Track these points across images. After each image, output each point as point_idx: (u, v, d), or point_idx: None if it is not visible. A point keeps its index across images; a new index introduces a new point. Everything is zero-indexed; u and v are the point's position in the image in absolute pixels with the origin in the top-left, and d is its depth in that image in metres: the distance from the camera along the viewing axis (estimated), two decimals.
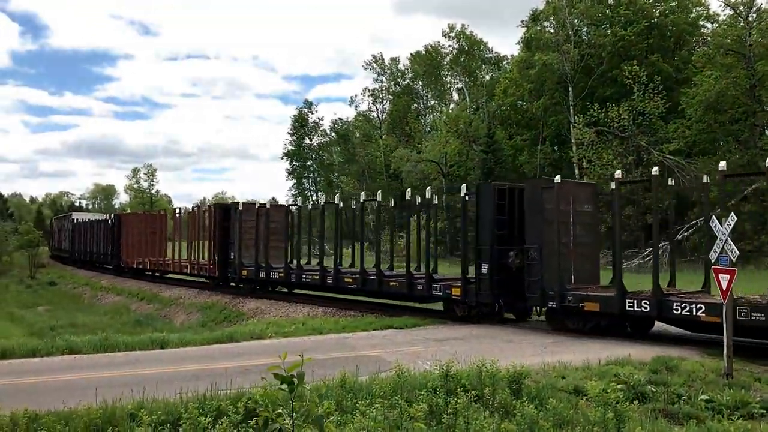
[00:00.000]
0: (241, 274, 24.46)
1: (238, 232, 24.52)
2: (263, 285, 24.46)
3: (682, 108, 38.97)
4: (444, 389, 7.96)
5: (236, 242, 24.54)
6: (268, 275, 23.09)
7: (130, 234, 36.42)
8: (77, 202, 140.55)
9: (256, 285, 24.48)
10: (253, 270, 23.72)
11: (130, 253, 36.11)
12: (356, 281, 19.66)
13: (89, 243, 45.86)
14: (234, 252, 24.74)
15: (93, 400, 7.61)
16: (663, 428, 7.18)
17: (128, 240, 36.58)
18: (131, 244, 36.19)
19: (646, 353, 11.76)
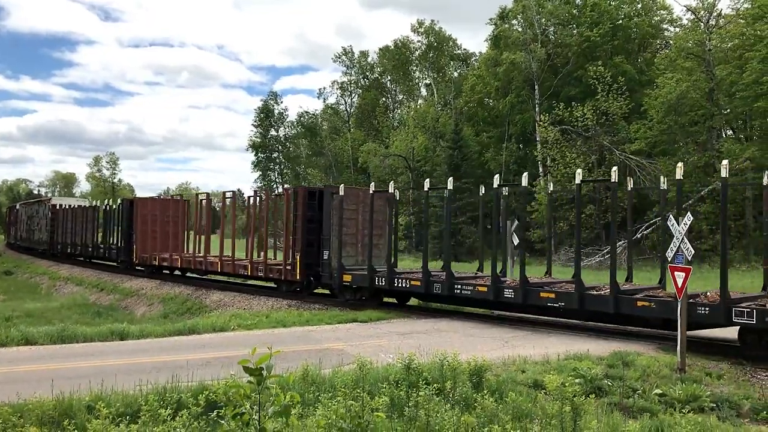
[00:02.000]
0: (341, 279, 18.69)
1: (336, 223, 19.01)
2: (376, 295, 18.66)
3: (644, 109, 39.85)
4: (406, 382, 8.04)
5: (334, 237, 18.86)
6: (393, 282, 17.30)
7: (149, 223, 29.58)
8: (36, 190, 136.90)
9: (364, 295, 18.68)
10: (363, 275, 18.06)
11: (147, 246, 29.46)
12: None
13: (77, 233, 38.37)
14: (330, 250, 19.01)
15: (49, 392, 7.47)
16: (618, 422, 7.37)
17: (145, 231, 29.51)
18: (149, 235, 29.50)
19: (604, 348, 12.05)
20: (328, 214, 19.25)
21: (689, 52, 38.28)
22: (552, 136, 41.20)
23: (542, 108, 46.39)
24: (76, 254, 38.96)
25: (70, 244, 39.35)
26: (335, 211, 19.04)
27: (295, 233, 20.31)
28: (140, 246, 29.49)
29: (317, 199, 20.00)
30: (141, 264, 29.74)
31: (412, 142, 56.06)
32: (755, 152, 32.90)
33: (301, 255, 19.81)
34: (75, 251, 38.93)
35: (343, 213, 19.04)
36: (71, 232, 39.45)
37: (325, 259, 19.21)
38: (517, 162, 50.23)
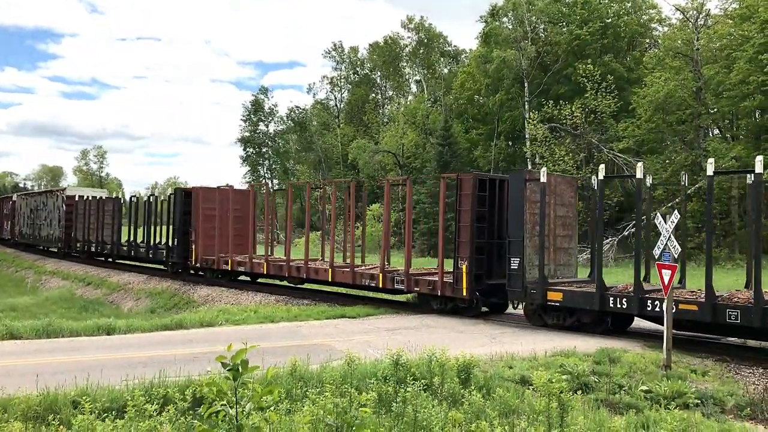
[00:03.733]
0: (545, 297, 14.10)
1: (532, 220, 14.62)
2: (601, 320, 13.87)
3: (633, 107, 40.07)
4: (394, 378, 8.05)
5: (529, 239, 14.55)
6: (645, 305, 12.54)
7: (217, 219, 23.86)
8: (22, 183, 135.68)
9: (583, 319, 14.04)
10: (588, 294, 13.56)
11: (212, 246, 23.90)
12: None
13: (101, 229, 32.64)
14: (523, 257, 14.47)
15: (34, 386, 7.41)
16: (604, 418, 7.42)
17: (208, 227, 23.92)
18: (219, 233, 23.81)
19: (591, 345, 12.12)
20: (516, 209, 14.69)
21: (677, 52, 38.53)
22: (541, 133, 41.35)
23: (532, 105, 46.52)
24: (103, 254, 33.05)
25: (95, 242, 33.02)
26: (532, 205, 14.60)
27: (459, 235, 15.62)
28: (202, 246, 23.76)
29: (489, 190, 15.95)
30: (203, 267, 24.27)
31: (401, 138, 56.07)
32: (741, 151, 33.17)
33: (469, 264, 15.23)
34: (100, 250, 32.82)
35: (544, 207, 14.43)
36: (94, 228, 33.28)
37: (514, 269, 14.55)
38: (506, 159, 50.36)
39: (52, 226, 39.57)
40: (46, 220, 40.84)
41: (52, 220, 39.55)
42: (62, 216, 37.45)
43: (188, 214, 24.39)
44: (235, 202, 23.96)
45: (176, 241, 25.20)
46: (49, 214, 40.15)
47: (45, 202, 41.61)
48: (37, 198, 44.10)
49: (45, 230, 40.96)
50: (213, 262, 23.54)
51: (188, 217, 24.40)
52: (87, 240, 34.13)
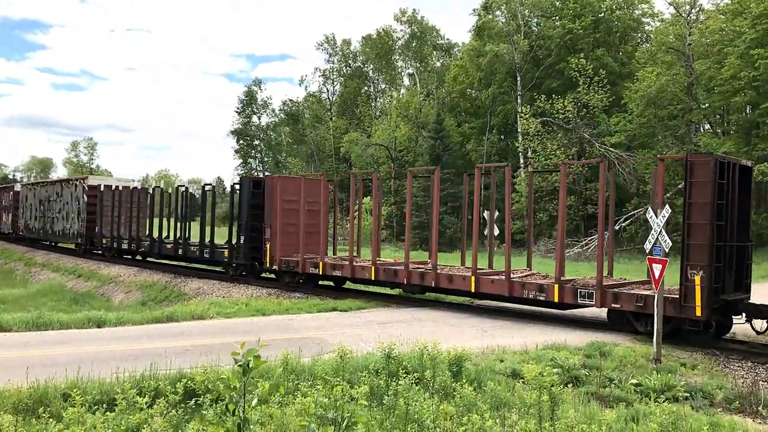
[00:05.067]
0: None
1: None
2: None
3: (624, 102, 40.20)
4: (386, 371, 8.06)
5: None
6: None
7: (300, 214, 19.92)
8: (11, 174, 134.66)
9: None
10: None
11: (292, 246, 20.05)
12: None
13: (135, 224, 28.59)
14: None
15: (24, 379, 7.37)
16: (594, 411, 7.46)
17: (287, 224, 20.22)
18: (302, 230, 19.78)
19: (582, 339, 12.18)
20: None
21: (669, 47, 38.66)
22: (533, 127, 41.43)
23: (524, 100, 46.58)
24: (139, 252, 28.81)
25: (127, 239, 28.86)
26: None
27: (690, 235, 11.91)
28: (280, 245, 20.25)
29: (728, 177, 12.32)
30: (282, 271, 20.33)
31: (394, 131, 56.01)
32: (732, 146, 33.36)
33: (705, 275, 11.54)
34: (135, 248, 28.49)
35: None
36: (126, 222, 29.38)
37: None
38: (499, 153, 50.42)
39: (69, 220, 34.66)
40: (60, 212, 35.95)
41: (69, 212, 34.69)
42: (83, 208, 32.63)
43: (256, 207, 20.88)
44: (307, 194, 20.25)
45: (242, 239, 21.31)
46: (65, 206, 35.19)
47: (59, 192, 36.51)
48: (48, 188, 38.88)
49: (59, 224, 36.08)
50: (296, 264, 19.71)
51: (258, 211, 20.86)
52: (117, 236, 29.46)
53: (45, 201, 38.72)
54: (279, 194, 20.31)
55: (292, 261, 19.98)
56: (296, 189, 20.26)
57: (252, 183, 21.51)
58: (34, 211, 40.94)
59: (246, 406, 3.50)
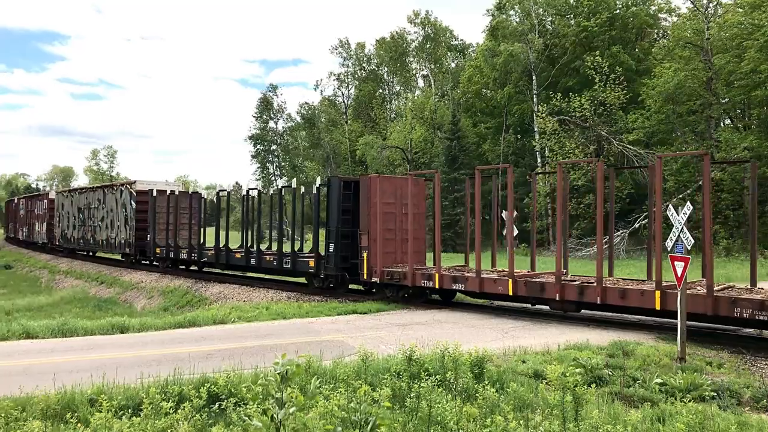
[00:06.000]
0: None
1: None
2: None
3: (642, 99, 39.80)
4: (407, 373, 8.05)
5: None
6: None
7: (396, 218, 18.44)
8: (34, 184, 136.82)
9: None
10: None
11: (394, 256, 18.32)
12: None
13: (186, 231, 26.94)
14: None
15: (51, 385, 7.48)
16: (619, 411, 7.39)
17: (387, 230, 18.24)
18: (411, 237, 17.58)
19: (604, 338, 12.07)
20: None
21: (687, 41, 38.20)
22: (550, 126, 41.17)
23: (540, 98, 46.32)
24: (200, 262, 25.89)
25: (186, 248, 26.31)
26: None
27: None
28: (381, 254, 17.91)
29: None
30: (384, 283, 17.88)
31: (409, 133, 55.98)
32: (753, 141, 32.89)
33: None
34: (196, 258, 25.54)
35: None
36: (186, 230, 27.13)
37: None
38: (515, 153, 50.19)
39: (114, 228, 32.30)
40: (104, 220, 33.63)
41: (113, 220, 32.36)
42: (131, 215, 30.19)
43: (348, 212, 18.89)
44: (404, 195, 18.33)
45: (331, 247, 18.98)
46: (109, 214, 32.90)
47: (102, 199, 34.30)
48: (89, 194, 36.35)
49: (102, 233, 33.74)
50: (402, 276, 17.20)
51: (348, 216, 18.90)
52: (174, 245, 26.87)
53: (85, 209, 36.41)
54: (378, 196, 17.89)
55: (397, 272, 17.34)
56: (393, 189, 18.34)
57: (342, 183, 19.18)
58: (72, 220, 38.50)
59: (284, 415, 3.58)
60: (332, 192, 19.21)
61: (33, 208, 47.41)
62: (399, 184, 18.60)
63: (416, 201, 18.12)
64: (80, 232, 37.24)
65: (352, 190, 19.02)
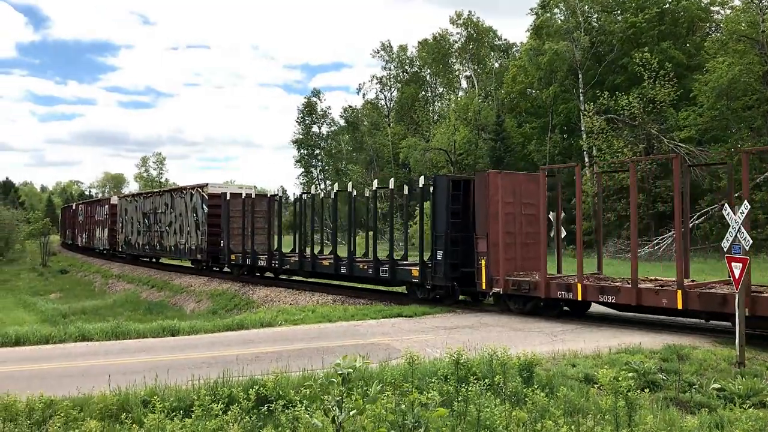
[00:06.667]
0: None
1: None
2: None
3: (694, 95, 38.62)
4: (455, 377, 7.98)
5: None
6: None
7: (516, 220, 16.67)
8: (87, 191, 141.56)
9: None
10: None
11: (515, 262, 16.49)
12: None
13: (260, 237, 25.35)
14: None
15: (106, 386, 7.69)
16: (674, 417, 7.16)
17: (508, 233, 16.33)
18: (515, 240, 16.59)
19: (657, 342, 11.73)
20: None
21: (741, 35, 36.87)
22: (597, 125, 40.33)
23: (587, 97, 45.48)
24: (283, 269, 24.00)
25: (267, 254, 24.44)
26: None
27: None
28: (503, 260, 15.92)
29: None
30: (509, 294, 15.76)
31: (453, 135, 55.68)
32: None
33: None
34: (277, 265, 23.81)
35: None
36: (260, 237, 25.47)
37: None
38: (562, 153, 49.38)
39: (183, 233, 30.63)
40: (172, 226, 31.97)
41: (182, 225, 30.74)
42: (202, 220, 28.60)
43: (457, 214, 17.15)
44: (522, 194, 16.65)
45: (439, 254, 17.08)
46: (178, 218, 31.27)
47: (169, 203, 32.58)
48: (155, 199, 34.71)
49: (171, 239, 32.12)
50: (532, 286, 15.10)
51: (458, 219, 17.11)
52: (251, 251, 24.84)
53: (151, 213, 34.75)
54: (501, 195, 16.05)
55: (525, 282, 15.32)
56: (512, 187, 16.53)
57: (451, 183, 17.31)
58: (136, 225, 36.94)
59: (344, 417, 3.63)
60: (439, 193, 17.33)
61: (93, 214, 46.79)
62: (518, 181, 16.84)
63: (531, 200, 16.43)
64: (145, 237, 35.57)
65: (461, 190, 17.27)
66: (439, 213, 17.29)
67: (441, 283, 17.21)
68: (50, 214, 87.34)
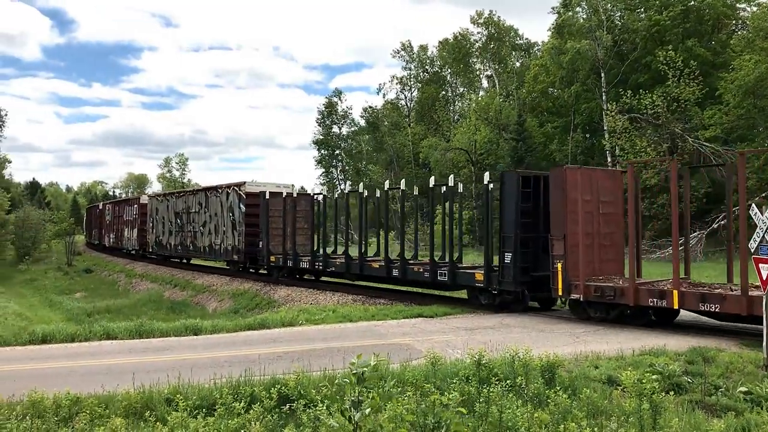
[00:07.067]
0: None
1: None
2: None
3: (720, 93, 38.00)
4: (476, 378, 7.94)
5: None
6: None
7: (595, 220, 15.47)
8: (111, 191, 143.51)
9: None
10: None
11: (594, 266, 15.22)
12: None
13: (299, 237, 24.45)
14: None
15: (130, 384, 7.79)
16: (700, 420, 7.05)
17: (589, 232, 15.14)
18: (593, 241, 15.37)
19: (681, 344, 11.57)
20: None
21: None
22: (620, 125, 39.86)
23: (609, 96, 44.97)
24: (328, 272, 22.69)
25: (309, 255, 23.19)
26: None
27: None
28: (583, 263, 14.52)
29: None
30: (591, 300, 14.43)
31: (474, 134, 55.45)
32: None
33: None
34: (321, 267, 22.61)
35: None
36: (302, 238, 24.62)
37: None
38: (584, 152, 48.90)
39: (218, 234, 29.70)
40: (206, 225, 31.07)
41: (218, 225, 29.81)
42: (239, 219, 27.65)
43: (527, 214, 15.93)
44: (603, 191, 15.56)
45: (507, 257, 15.88)
46: (213, 218, 30.38)
47: (203, 202, 31.58)
48: (188, 198, 33.76)
49: (205, 239, 31.21)
50: (618, 293, 13.89)
51: (528, 219, 15.94)
52: (293, 252, 23.78)
53: (183, 213, 33.82)
54: (579, 192, 14.79)
55: (609, 288, 14.07)
56: (589, 184, 15.34)
57: (521, 179, 16.00)
58: (168, 225, 35.90)
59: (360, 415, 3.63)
60: (507, 190, 16.05)
61: (121, 214, 45.98)
62: (595, 177, 15.64)
63: (609, 198, 15.54)
64: (177, 238, 34.56)
65: (531, 188, 16.09)
66: (508, 212, 15.99)
67: (510, 288, 16.00)
68: (75, 214, 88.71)
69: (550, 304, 17.02)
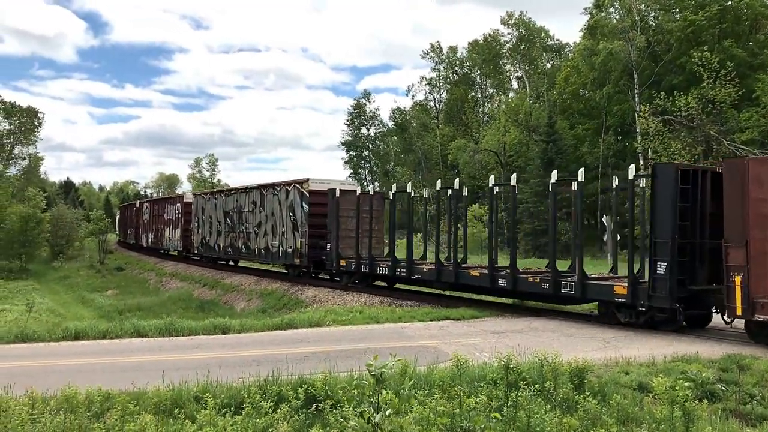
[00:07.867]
0: None
1: None
2: None
3: (757, 95, 37.11)
4: (504, 382, 7.87)
5: None
6: None
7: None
8: (142, 191, 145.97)
9: None
10: None
11: None
12: None
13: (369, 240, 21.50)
14: None
15: (160, 381, 7.89)
16: (734, 429, 6.90)
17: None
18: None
19: (715, 351, 11.32)
20: None
21: None
22: (653, 127, 39.16)
23: (642, 98, 44.23)
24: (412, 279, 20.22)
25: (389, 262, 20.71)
26: None
27: None
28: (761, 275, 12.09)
29: None
30: None
31: (503, 136, 55.06)
32: None
33: None
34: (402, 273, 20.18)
35: None
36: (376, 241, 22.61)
37: None
38: (616, 155, 48.20)
39: (276, 235, 27.12)
40: (262, 226, 28.51)
41: (275, 225, 27.26)
42: (301, 220, 25.08)
43: (685, 215, 13.47)
44: None
45: (659, 266, 13.27)
46: (270, 218, 27.81)
47: (258, 201, 28.95)
48: (240, 196, 31.04)
49: (260, 241, 28.62)
50: None
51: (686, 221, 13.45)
52: (368, 257, 21.44)
53: (235, 212, 31.25)
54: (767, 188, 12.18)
55: None
56: None
57: (680, 173, 13.46)
58: (216, 225, 33.31)
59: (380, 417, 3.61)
60: (662, 187, 13.50)
61: (162, 213, 43.54)
62: None
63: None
64: (227, 239, 31.99)
65: (690, 184, 13.51)
66: (662, 212, 13.40)
67: (663, 304, 13.29)
68: (108, 214, 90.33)
69: (704, 322, 14.43)
